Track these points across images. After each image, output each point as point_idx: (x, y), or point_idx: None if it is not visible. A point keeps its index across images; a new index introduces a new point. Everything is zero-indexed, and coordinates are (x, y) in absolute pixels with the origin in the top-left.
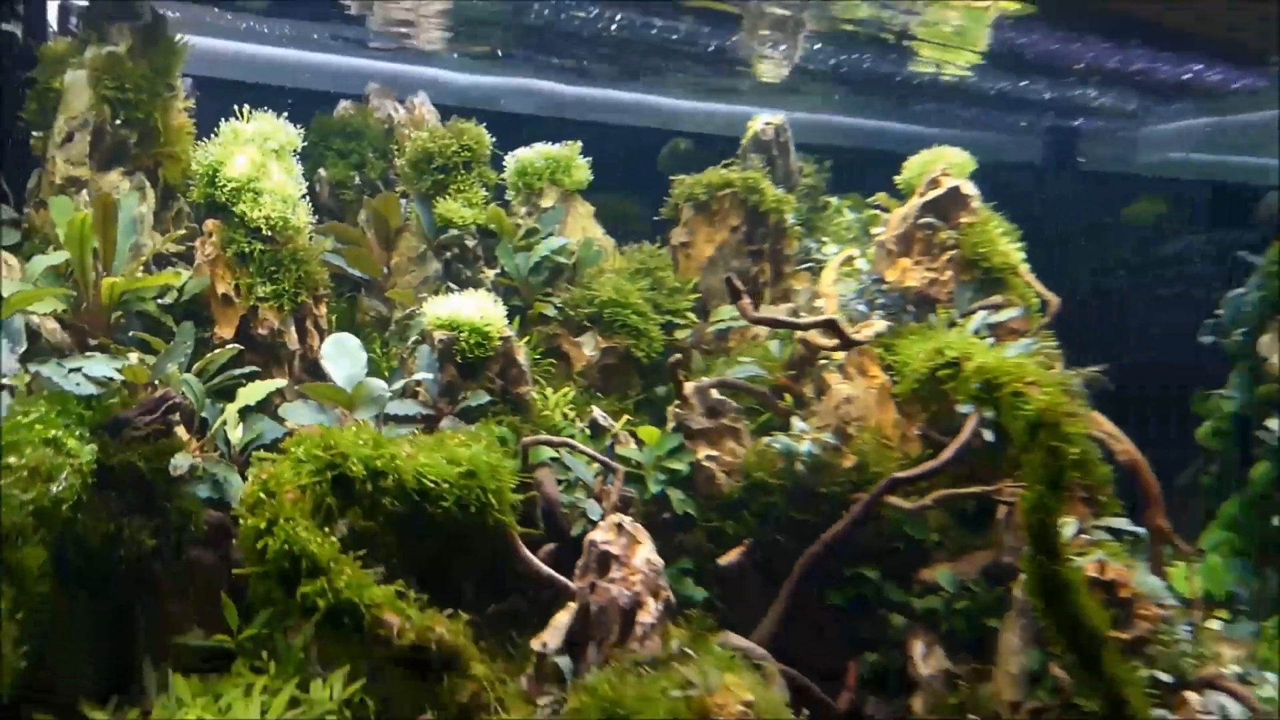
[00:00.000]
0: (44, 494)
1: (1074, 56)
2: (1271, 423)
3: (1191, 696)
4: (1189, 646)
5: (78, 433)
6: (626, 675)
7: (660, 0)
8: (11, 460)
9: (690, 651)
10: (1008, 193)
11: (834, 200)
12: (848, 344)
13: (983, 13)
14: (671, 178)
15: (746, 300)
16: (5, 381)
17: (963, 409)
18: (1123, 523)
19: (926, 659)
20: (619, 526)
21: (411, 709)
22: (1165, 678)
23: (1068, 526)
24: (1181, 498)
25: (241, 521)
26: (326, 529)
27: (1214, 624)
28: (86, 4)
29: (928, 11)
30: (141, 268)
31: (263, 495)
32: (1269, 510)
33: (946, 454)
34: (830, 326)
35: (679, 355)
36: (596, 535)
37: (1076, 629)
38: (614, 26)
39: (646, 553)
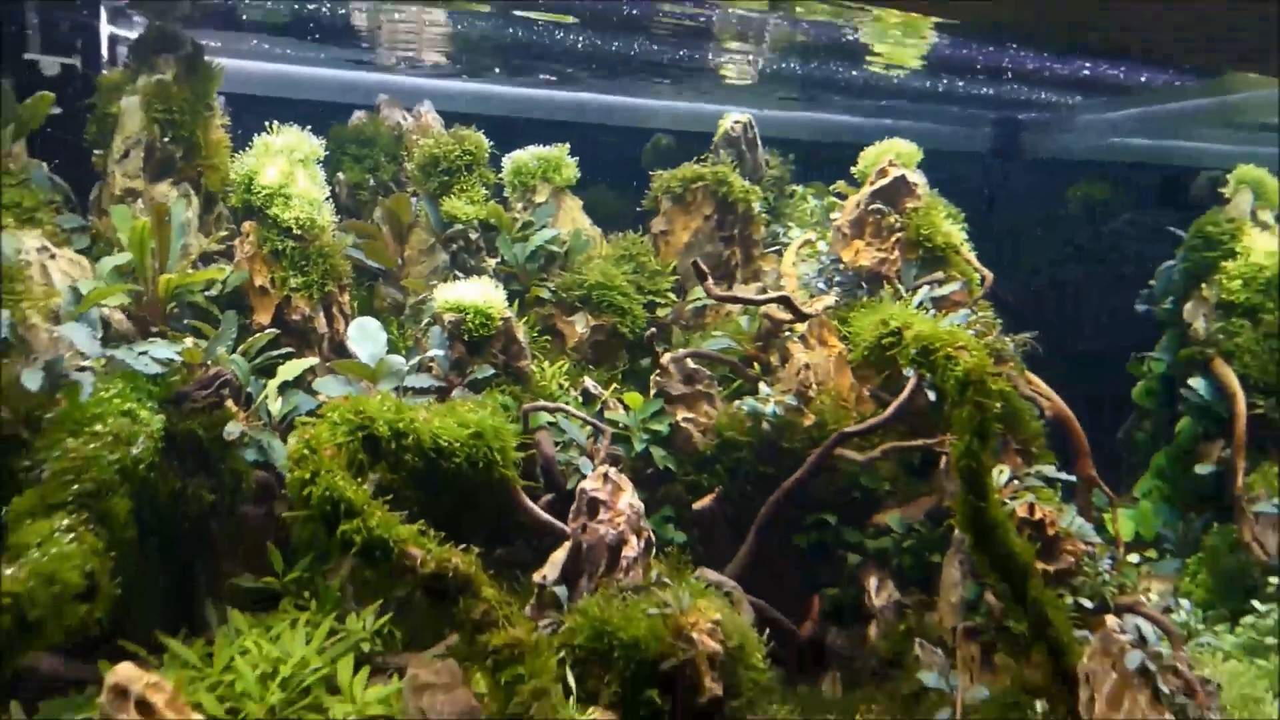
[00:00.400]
0: (126, 455)
1: (1011, 60)
2: (1193, 382)
3: (1110, 619)
4: (1110, 578)
5: (148, 405)
6: (613, 600)
7: (636, 28)
8: (98, 428)
9: (668, 581)
10: (958, 179)
11: (799, 189)
12: (800, 317)
13: (922, 23)
14: (651, 172)
15: (711, 281)
16: (88, 364)
17: (907, 372)
18: (1054, 471)
19: (879, 592)
20: (605, 476)
21: (434, 626)
22: (1087, 603)
23: (1001, 474)
24: (1123, 450)
25: (288, 474)
26: (359, 479)
27: (1134, 559)
28: (135, 37)
29: (873, 23)
30: (190, 265)
31: (306, 452)
32: (1191, 461)
33: (889, 411)
34: (784, 302)
35: (654, 330)
36: (586, 484)
37: (1004, 561)
38: (599, 42)
39: (629, 498)
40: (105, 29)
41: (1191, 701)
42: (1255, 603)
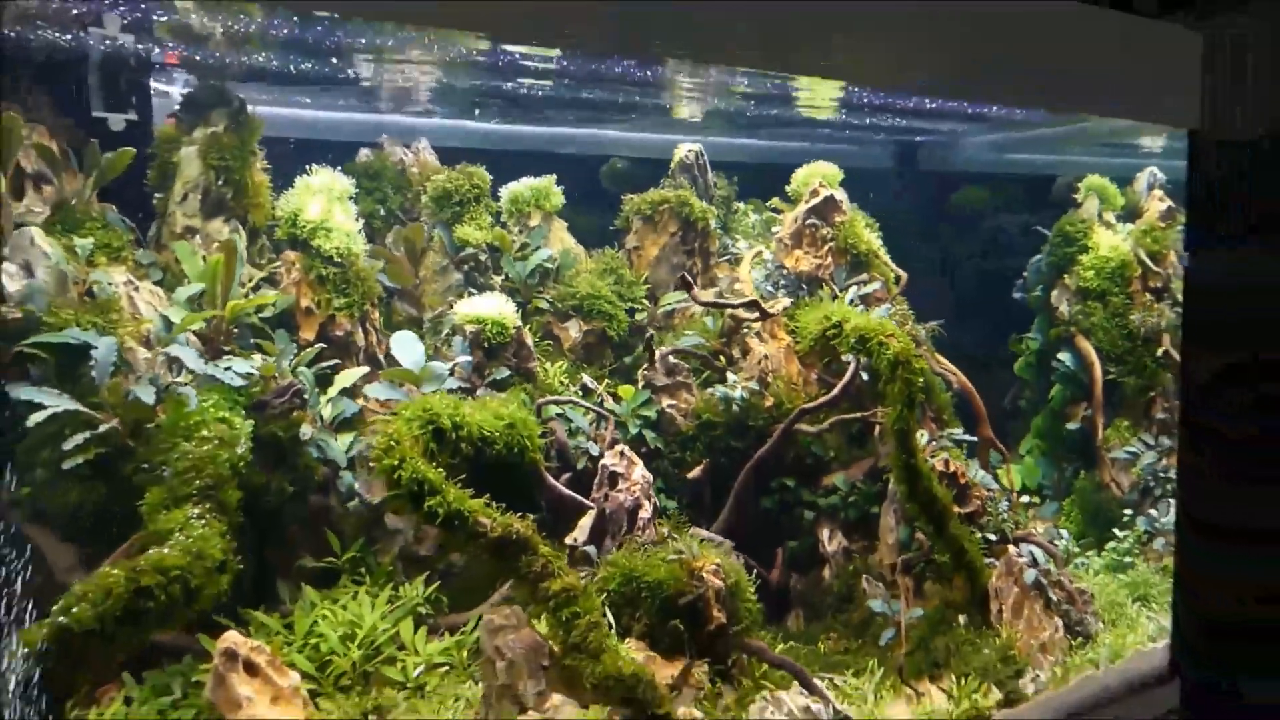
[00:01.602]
0: (234, 454)
1: (909, 100)
2: (1061, 355)
3: (1010, 549)
4: (1008, 517)
5: (239, 413)
6: (636, 553)
7: (600, 79)
8: (204, 433)
9: (676, 537)
10: (872, 191)
11: (741, 205)
12: (765, 316)
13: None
14: (623, 196)
15: (697, 289)
16: (182, 379)
17: (846, 358)
18: (961, 434)
19: (831, 541)
20: (621, 453)
21: (502, 580)
22: (992, 537)
23: (922, 437)
24: (1008, 415)
25: (376, 463)
26: (434, 463)
27: (1025, 500)
28: (186, 93)
29: (795, 80)
30: (245, 293)
31: (392, 443)
32: (1062, 421)
33: (836, 390)
34: (753, 306)
35: (651, 333)
36: (607, 460)
37: (930, 505)
38: (569, 90)
39: (640, 471)
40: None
41: (1073, 608)
42: (1115, 530)
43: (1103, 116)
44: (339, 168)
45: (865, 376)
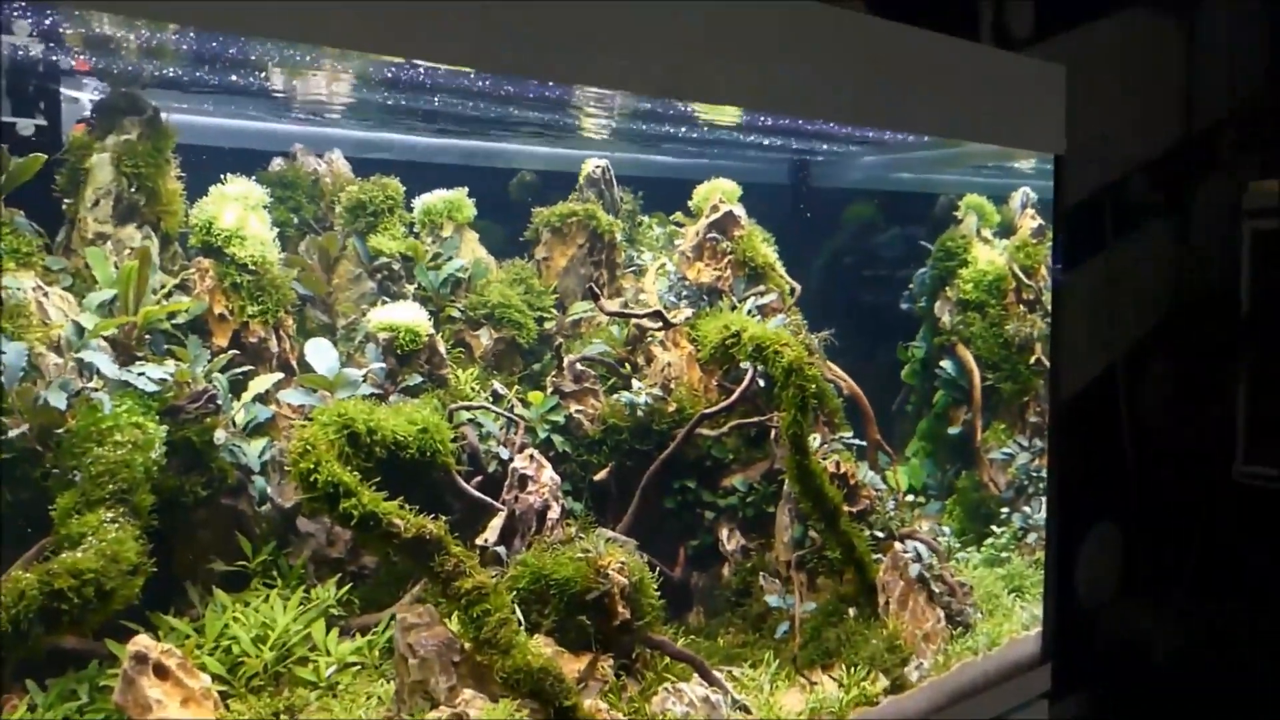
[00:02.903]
0: (148, 459)
1: (803, 122)
2: (944, 363)
3: (897, 545)
4: (894, 515)
5: (152, 418)
6: (544, 552)
7: (507, 99)
8: (118, 437)
9: (582, 536)
10: (770, 205)
11: (645, 219)
12: (668, 326)
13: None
14: (534, 208)
15: (604, 299)
16: (94, 385)
17: (745, 365)
18: (850, 437)
19: (730, 539)
20: (530, 457)
21: (413, 581)
22: (880, 534)
23: (815, 440)
24: (896, 419)
25: (293, 467)
26: (349, 467)
27: (911, 500)
28: (100, 99)
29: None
30: (157, 299)
31: (308, 447)
32: (945, 425)
33: (735, 396)
34: (658, 316)
35: (560, 341)
36: (516, 463)
37: (822, 504)
38: (481, 107)
39: (549, 474)
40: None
41: (954, 599)
42: (993, 527)
43: (976, 142)
44: (253, 176)
45: (762, 383)
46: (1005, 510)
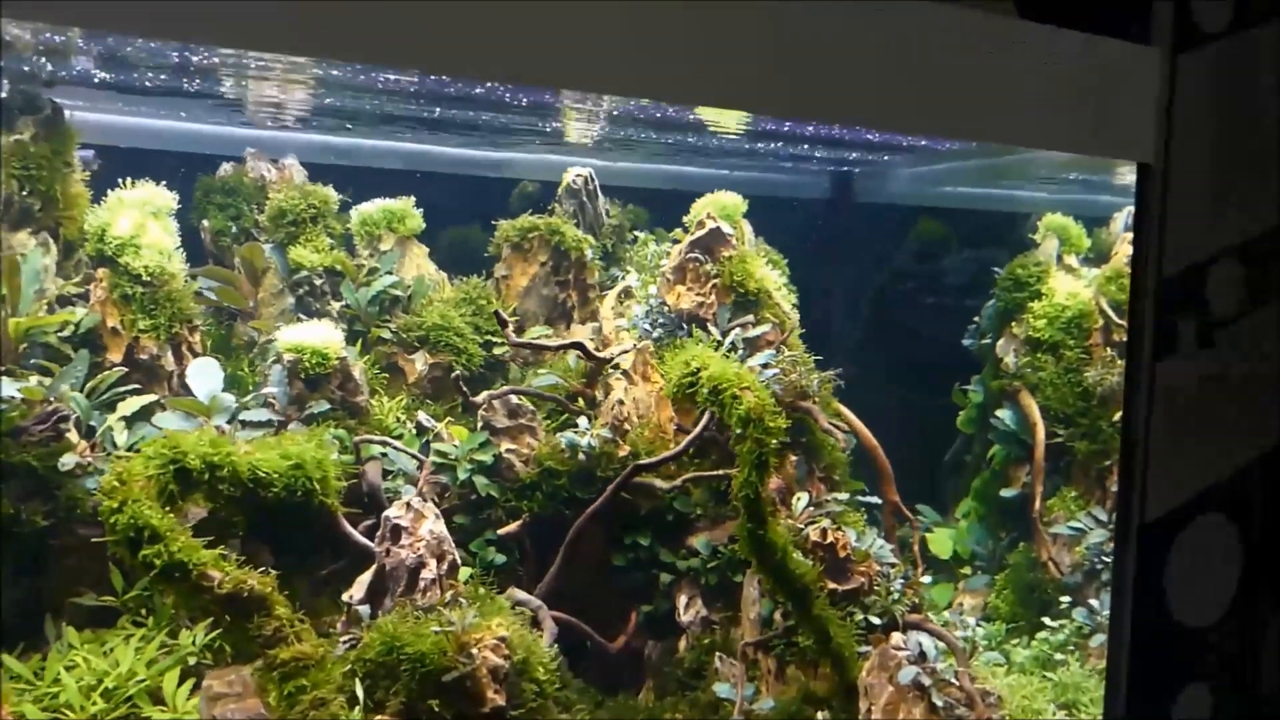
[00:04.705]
0: None
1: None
2: (1001, 412)
3: (896, 636)
4: (901, 596)
5: None
6: (406, 618)
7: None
8: None
9: (464, 600)
10: (798, 223)
11: (641, 235)
12: (598, 362)
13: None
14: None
15: (510, 329)
16: None
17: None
18: (846, 496)
19: (688, 608)
20: (408, 505)
21: (234, 639)
22: (876, 620)
23: (799, 500)
24: (949, 474)
25: (100, 504)
26: (168, 509)
27: (927, 577)
28: None
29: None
30: (45, 308)
31: (117, 483)
32: (1001, 484)
33: (681, 447)
34: (578, 348)
35: (457, 374)
36: (390, 512)
37: (786, 581)
38: (459, 109)
39: (430, 525)
40: None
41: (969, 713)
42: (1046, 619)
43: (1020, 146)
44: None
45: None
46: (1066, 600)
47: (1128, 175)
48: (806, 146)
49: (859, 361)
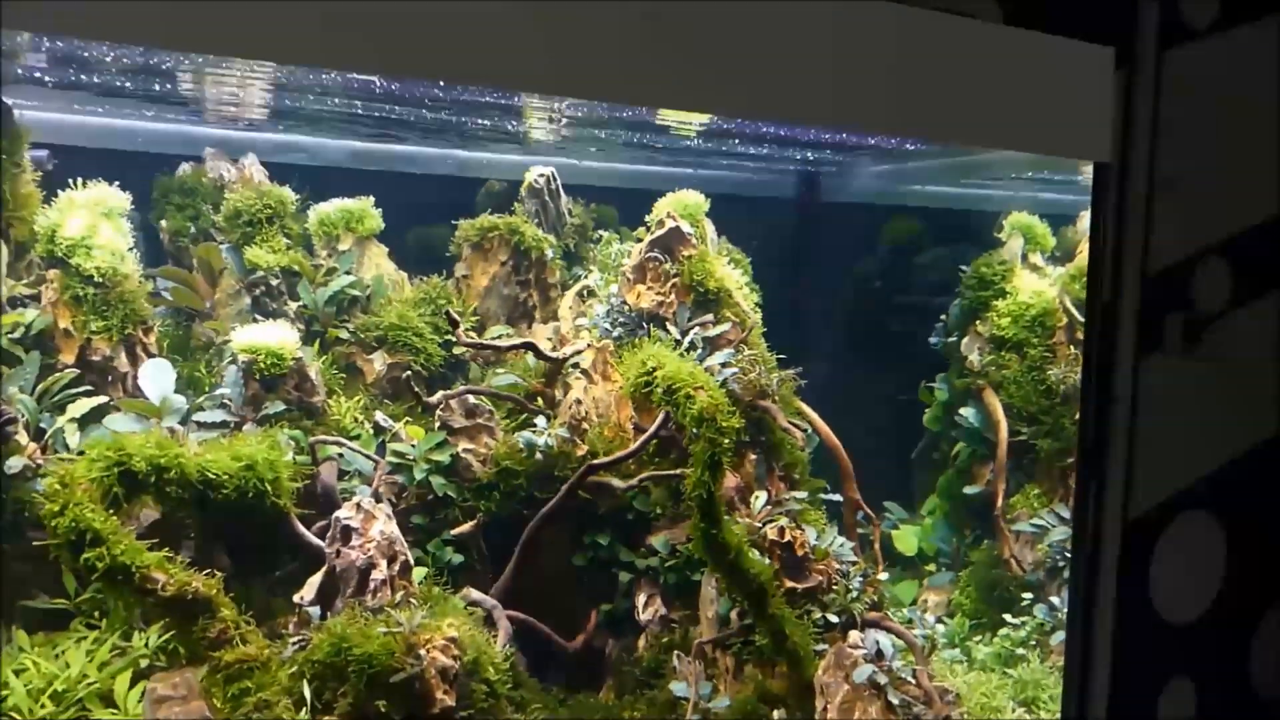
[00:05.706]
0: None
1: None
2: (964, 410)
3: (853, 635)
4: (860, 594)
5: None
6: (355, 619)
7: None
8: None
9: (414, 601)
10: (764, 221)
11: (605, 234)
12: (551, 361)
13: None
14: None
15: (462, 329)
16: None
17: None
18: (803, 496)
19: (646, 607)
20: (358, 506)
21: (183, 642)
22: (835, 618)
23: (757, 499)
24: (918, 469)
25: (42, 507)
26: (112, 511)
27: (885, 575)
28: None
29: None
30: None
31: (59, 487)
32: (965, 481)
33: (635, 447)
34: (530, 348)
35: (409, 374)
36: (340, 513)
37: (741, 580)
38: (422, 110)
39: (380, 526)
40: None
41: (927, 710)
42: (1008, 616)
43: (976, 146)
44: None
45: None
46: (1028, 597)
47: (1085, 172)
48: (773, 146)
49: (826, 360)
